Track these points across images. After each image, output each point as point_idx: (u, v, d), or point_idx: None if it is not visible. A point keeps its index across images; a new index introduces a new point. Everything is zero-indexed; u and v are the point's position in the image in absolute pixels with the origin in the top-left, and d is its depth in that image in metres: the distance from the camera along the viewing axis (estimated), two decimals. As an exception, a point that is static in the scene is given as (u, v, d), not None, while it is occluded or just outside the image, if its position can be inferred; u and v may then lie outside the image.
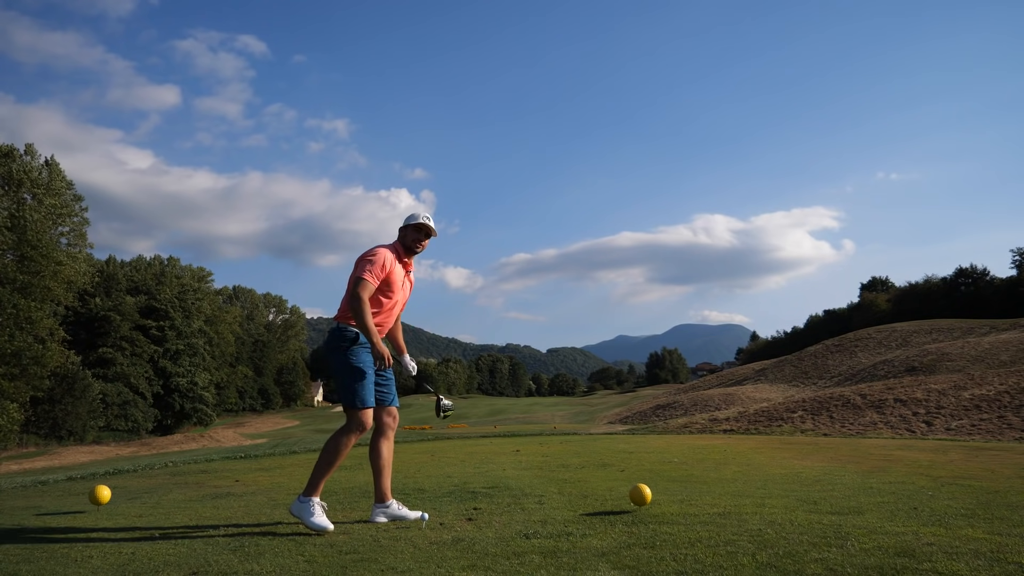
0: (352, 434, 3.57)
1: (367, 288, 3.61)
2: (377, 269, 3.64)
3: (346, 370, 3.60)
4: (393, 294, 3.78)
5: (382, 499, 3.73)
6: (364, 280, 3.60)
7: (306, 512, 3.43)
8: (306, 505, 3.45)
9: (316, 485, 3.52)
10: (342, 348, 3.63)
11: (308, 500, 3.46)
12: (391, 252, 3.77)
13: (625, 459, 6.72)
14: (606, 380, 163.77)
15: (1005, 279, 64.09)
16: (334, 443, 3.58)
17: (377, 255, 3.68)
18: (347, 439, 3.58)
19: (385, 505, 3.72)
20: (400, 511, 3.71)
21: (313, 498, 3.48)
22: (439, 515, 3.80)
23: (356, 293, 3.58)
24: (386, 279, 3.72)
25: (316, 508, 3.45)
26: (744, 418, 20.44)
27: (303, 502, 3.46)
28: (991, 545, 2.77)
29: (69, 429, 44.31)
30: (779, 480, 5.00)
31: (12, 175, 33.63)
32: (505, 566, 2.63)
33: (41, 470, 21.65)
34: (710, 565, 2.55)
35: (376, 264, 3.64)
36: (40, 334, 34.33)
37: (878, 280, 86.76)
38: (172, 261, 71.19)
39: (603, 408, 60.77)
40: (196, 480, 6.13)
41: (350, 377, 3.59)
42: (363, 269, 3.63)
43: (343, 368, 3.61)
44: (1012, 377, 18.40)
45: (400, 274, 3.81)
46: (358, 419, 3.58)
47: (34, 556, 3.05)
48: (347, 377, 3.60)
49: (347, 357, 3.61)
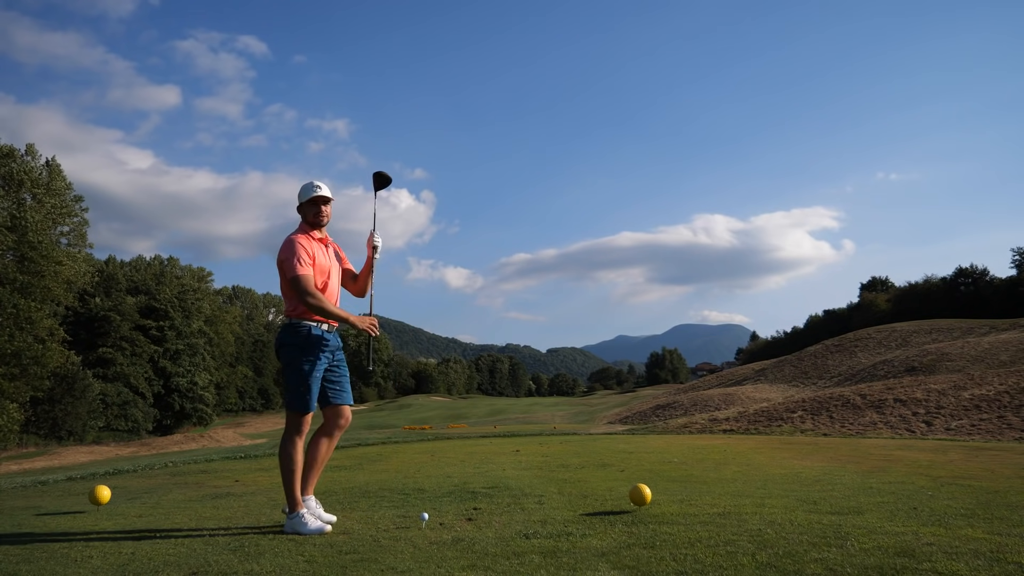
0: (295, 437, 3.53)
1: (309, 280, 3.53)
2: (303, 258, 3.55)
3: (296, 371, 3.54)
4: (324, 275, 3.69)
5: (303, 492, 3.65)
6: (301, 276, 3.51)
7: (299, 525, 3.40)
8: (296, 519, 3.42)
9: (294, 496, 3.48)
10: (296, 346, 3.56)
11: (296, 514, 3.44)
12: (303, 237, 3.66)
13: (625, 459, 6.72)
14: (606, 380, 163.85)
15: (1005, 279, 64.11)
16: (284, 453, 3.53)
17: (294, 247, 3.57)
18: (292, 444, 3.53)
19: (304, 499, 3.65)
20: (316, 509, 3.64)
21: (298, 510, 3.45)
22: (439, 515, 3.80)
23: (305, 290, 3.50)
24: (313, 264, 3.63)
25: (306, 517, 3.42)
26: (744, 418, 20.44)
27: (292, 518, 3.44)
28: (991, 545, 2.77)
29: (69, 429, 44.31)
30: (779, 480, 5.00)
31: (12, 175, 33.63)
32: (505, 566, 2.63)
33: (41, 470, 21.67)
34: (710, 565, 2.55)
35: (299, 255, 3.54)
36: (40, 334, 34.33)
37: (878, 280, 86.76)
38: (172, 261, 71.25)
39: (603, 408, 60.77)
40: (196, 480, 6.13)
41: (297, 379, 3.54)
42: (292, 267, 3.53)
43: (292, 369, 3.55)
44: (1012, 377, 18.41)
45: (320, 252, 3.70)
46: (298, 422, 3.55)
47: (34, 556, 3.05)
48: (295, 379, 3.55)
49: (299, 356, 3.55)
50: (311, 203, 3.74)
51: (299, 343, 3.57)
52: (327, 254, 3.77)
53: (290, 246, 3.58)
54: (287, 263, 3.54)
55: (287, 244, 3.61)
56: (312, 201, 3.73)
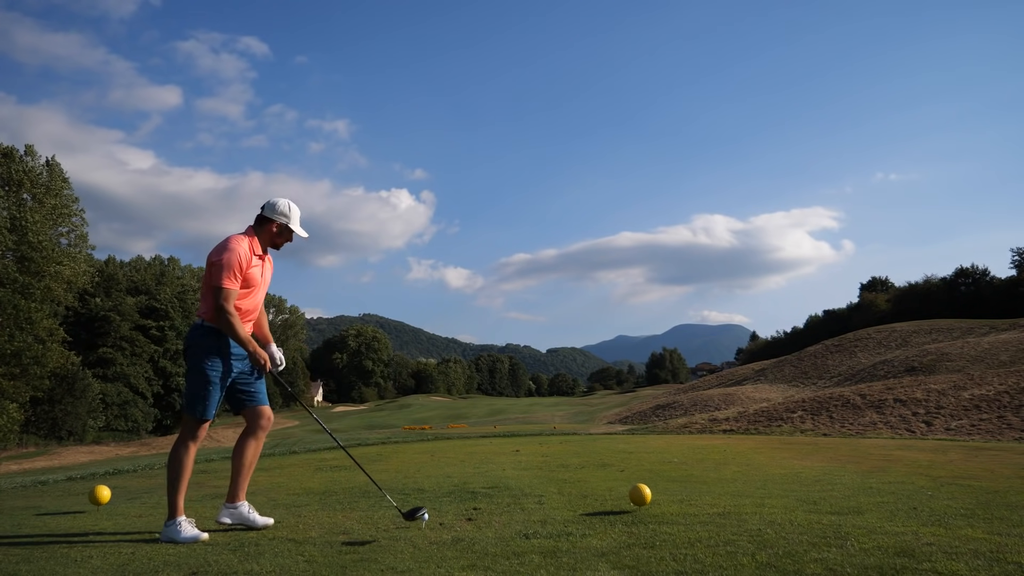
0: (189, 442, 3.44)
1: (230, 297, 3.38)
2: (235, 273, 3.40)
3: (199, 375, 3.43)
4: (252, 293, 3.55)
5: (233, 499, 3.60)
6: (226, 290, 3.37)
7: (174, 533, 3.26)
8: (171, 527, 3.28)
9: (175, 503, 3.36)
10: (202, 347, 3.44)
11: (173, 521, 3.31)
12: (246, 247, 3.48)
13: (625, 459, 6.72)
14: (606, 380, 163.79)
15: (1005, 279, 64.09)
16: (175, 457, 3.43)
17: (232, 256, 3.39)
18: (185, 449, 3.43)
19: (235, 506, 3.60)
20: (250, 515, 3.57)
21: (177, 518, 3.32)
22: (439, 515, 3.80)
23: (221, 306, 3.36)
24: (244, 279, 3.47)
25: (182, 525, 3.29)
26: (744, 418, 20.44)
27: (169, 525, 3.30)
28: (991, 545, 2.77)
29: (69, 429, 44.31)
30: (779, 480, 5.00)
31: (12, 176, 33.63)
32: (505, 566, 2.63)
33: (41, 470, 21.65)
34: (710, 565, 2.55)
35: (233, 268, 3.39)
36: (40, 334, 34.32)
37: (878, 280, 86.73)
38: (172, 261, 71.27)
39: (603, 408, 60.76)
40: (196, 480, 6.12)
41: (200, 383, 3.43)
42: (221, 276, 3.37)
43: (197, 372, 3.44)
44: (1011, 377, 18.41)
45: (258, 270, 3.55)
46: (193, 428, 3.46)
47: (34, 556, 3.05)
48: (198, 383, 3.43)
49: (204, 360, 3.43)
50: (285, 230, 3.64)
51: (207, 345, 3.45)
52: (262, 270, 3.62)
53: (227, 254, 3.40)
54: (217, 268, 3.39)
55: (225, 249, 3.43)
56: (286, 228, 3.63)
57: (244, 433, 3.69)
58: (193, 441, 3.47)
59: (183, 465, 3.43)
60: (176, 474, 3.41)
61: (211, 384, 3.44)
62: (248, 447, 3.64)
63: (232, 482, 3.62)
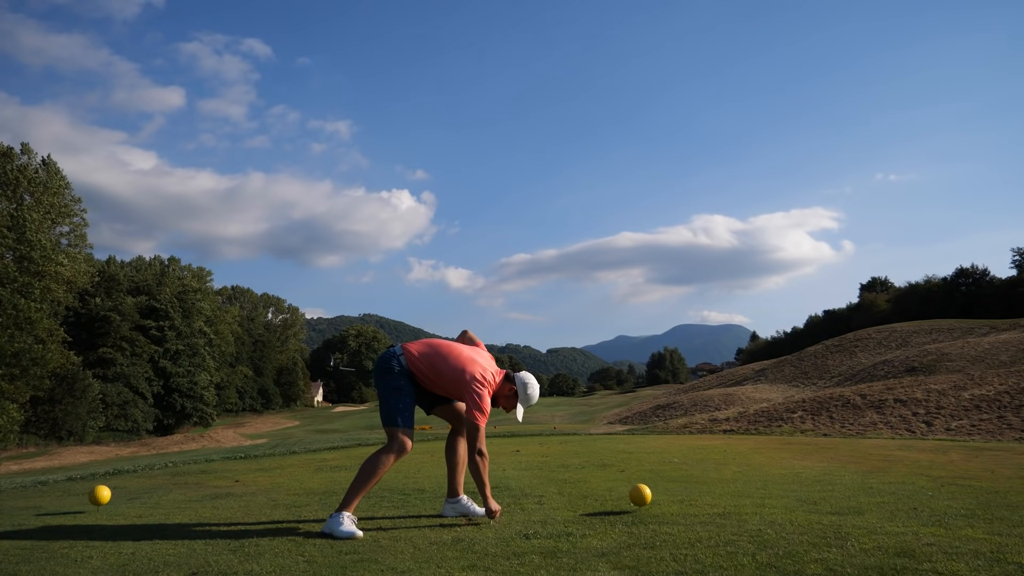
0: (391, 453, 3.52)
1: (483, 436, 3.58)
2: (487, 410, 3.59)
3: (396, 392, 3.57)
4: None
5: (454, 494, 3.79)
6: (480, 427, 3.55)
7: (335, 524, 3.34)
8: (335, 519, 3.37)
9: (351, 501, 3.46)
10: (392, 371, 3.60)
11: (338, 514, 3.39)
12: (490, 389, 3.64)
13: (625, 459, 6.72)
14: (606, 380, 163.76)
15: (1005, 279, 64.10)
16: (374, 461, 3.53)
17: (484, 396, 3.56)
18: (387, 457, 3.52)
19: (455, 500, 3.78)
20: (470, 507, 3.75)
21: (344, 512, 3.40)
22: (439, 515, 3.81)
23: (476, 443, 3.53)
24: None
25: (345, 519, 3.37)
26: (744, 418, 20.44)
27: (332, 517, 3.40)
28: (991, 545, 2.77)
29: (69, 429, 44.27)
30: (779, 480, 5.00)
31: (9, 175, 33.64)
32: (505, 566, 2.63)
33: (41, 470, 21.65)
34: (710, 565, 2.55)
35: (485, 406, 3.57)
36: (40, 334, 34.33)
37: (878, 280, 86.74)
38: (172, 261, 71.31)
39: (603, 408, 60.76)
40: (196, 480, 6.13)
41: (397, 397, 3.57)
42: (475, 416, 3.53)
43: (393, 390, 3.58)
44: (1012, 377, 18.41)
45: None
46: (396, 439, 3.53)
47: (34, 556, 3.05)
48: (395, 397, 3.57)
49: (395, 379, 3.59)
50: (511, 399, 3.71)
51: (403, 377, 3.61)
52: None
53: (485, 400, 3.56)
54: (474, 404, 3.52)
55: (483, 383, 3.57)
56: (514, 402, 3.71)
57: (452, 431, 3.86)
58: (396, 452, 3.52)
59: (377, 470, 3.50)
60: (367, 475, 3.49)
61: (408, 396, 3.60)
62: (459, 444, 3.82)
63: (449, 479, 3.81)
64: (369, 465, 3.51)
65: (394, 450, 3.52)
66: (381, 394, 3.64)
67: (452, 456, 3.80)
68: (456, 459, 3.79)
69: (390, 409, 3.57)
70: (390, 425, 3.56)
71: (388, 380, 3.61)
